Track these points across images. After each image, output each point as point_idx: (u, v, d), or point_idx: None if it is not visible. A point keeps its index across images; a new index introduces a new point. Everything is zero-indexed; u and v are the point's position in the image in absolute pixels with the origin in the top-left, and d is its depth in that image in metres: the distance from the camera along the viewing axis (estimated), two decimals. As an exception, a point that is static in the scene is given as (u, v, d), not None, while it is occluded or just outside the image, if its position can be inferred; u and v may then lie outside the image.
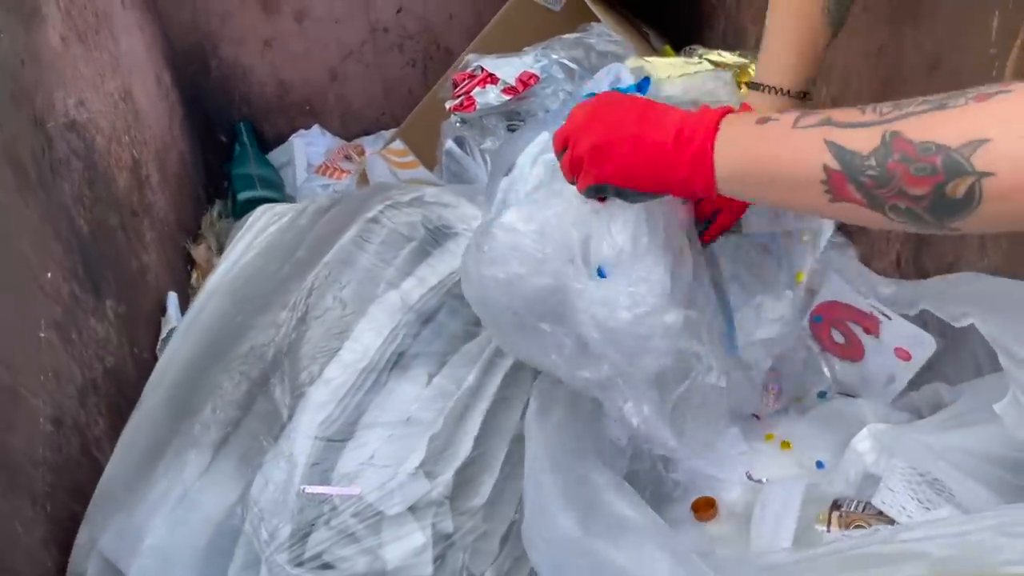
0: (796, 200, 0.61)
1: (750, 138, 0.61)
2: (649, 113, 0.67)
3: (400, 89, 1.96)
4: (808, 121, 0.57)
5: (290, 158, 1.91)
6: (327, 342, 0.87)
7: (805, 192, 0.57)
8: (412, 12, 1.85)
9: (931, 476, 0.82)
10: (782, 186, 0.60)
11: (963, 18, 0.85)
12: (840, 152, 0.54)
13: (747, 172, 0.61)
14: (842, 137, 0.54)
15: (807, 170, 0.56)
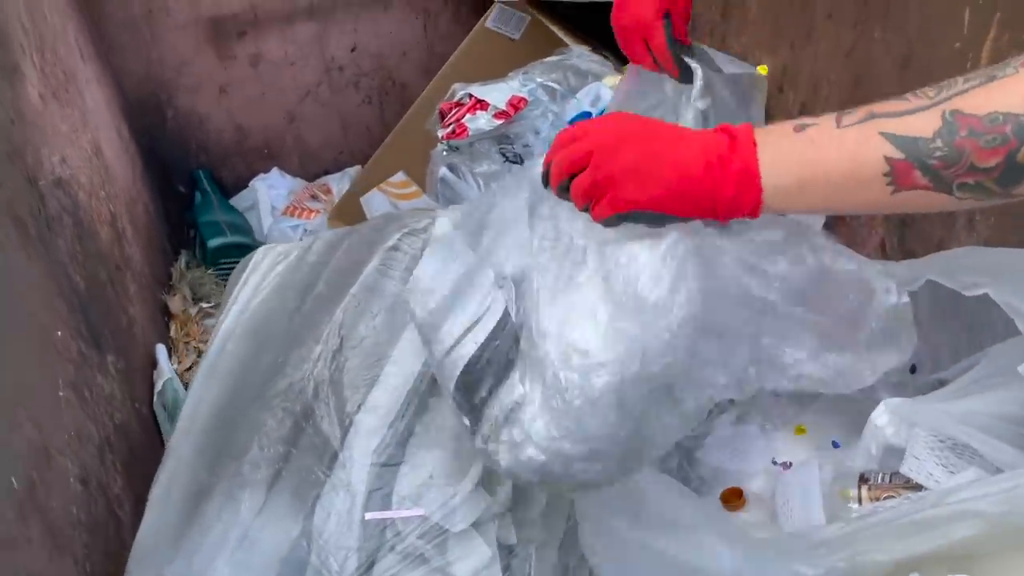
0: (855, 200, 0.59)
1: (795, 148, 0.59)
2: (682, 134, 0.63)
3: (358, 126, 1.98)
4: (851, 119, 0.57)
5: (253, 202, 1.90)
6: (367, 370, 0.88)
7: (866, 190, 0.56)
8: (366, 50, 1.88)
9: (952, 441, 0.87)
10: (839, 189, 0.58)
11: (932, 16, 0.92)
12: (901, 141, 0.54)
13: (800, 182, 0.59)
14: (898, 126, 0.54)
15: (867, 167, 0.55)
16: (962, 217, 0.94)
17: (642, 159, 0.62)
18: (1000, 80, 0.52)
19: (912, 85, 0.97)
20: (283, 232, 1.81)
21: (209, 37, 1.75)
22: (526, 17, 1.57)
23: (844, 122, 0.58)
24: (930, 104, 0.54)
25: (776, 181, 0.60)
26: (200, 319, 1.66)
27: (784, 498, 0.98)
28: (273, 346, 0.98)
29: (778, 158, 0.60)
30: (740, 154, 0.60)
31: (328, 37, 1.84)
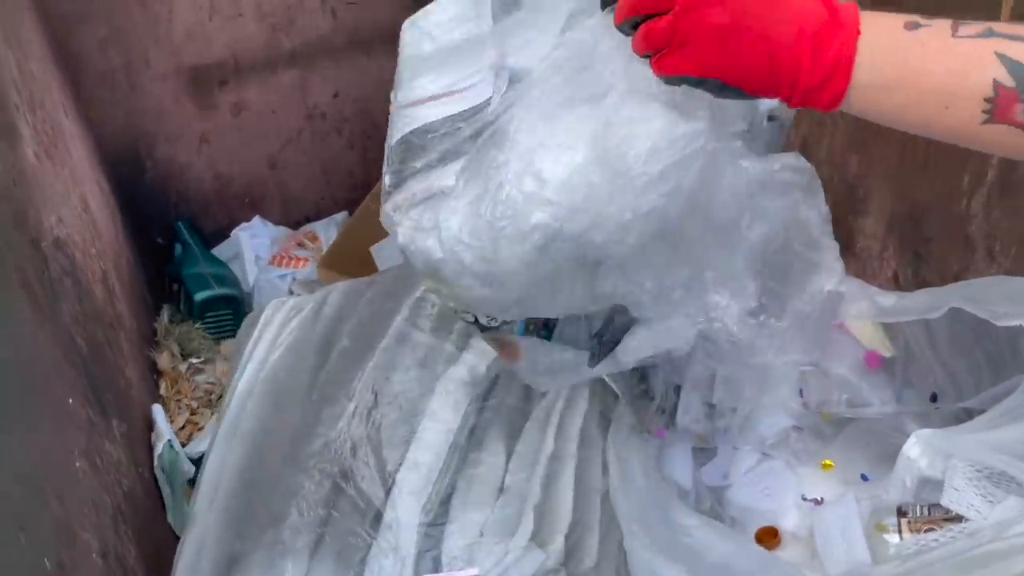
0: (943, 120, 0.54)
1: (901, 47, 0.53)
2: (778, 3, 0.55)
3: (340, 172, 1.96)
4: (968, 31, 0.52)
5: (237, 252, 1.87)
6: (404, 425, 0.86)
7: (960, 111, 0.52)
8: (348, 95, 1.86)
9: (990, 471, 0.88)
10: (933, 102, 0.53)
11: None
12: (1017, 68, 0.50)
13: (896, 84, 0.53)
14: (1019, 51, 0.50)
15: (973, 86, 0.51)
16: (981, 248, 0.96)
17: (736, 22, 0.54)
18: None
19: None
20: (271, 282, 1.78)
21: (190, 87, 1.72)
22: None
23: (960, 32, 0.53)
24: None
25: (869, 79, 0.54)
26: (190, 375, 1.61)
27: (823, 536, 0.98)
28: (297, 404, 0.95)
29: (878, 54, 0.54)
30: (841, 39, 0.53)
31: (310, 84, 1.82)
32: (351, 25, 1.78)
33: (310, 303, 1.08)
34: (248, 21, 1.70)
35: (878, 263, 1.15)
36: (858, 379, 1.07)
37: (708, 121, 0.62)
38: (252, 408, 0.98)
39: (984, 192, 0.92)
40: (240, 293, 1.75)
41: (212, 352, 1.67)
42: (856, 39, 0.53)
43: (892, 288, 1.14)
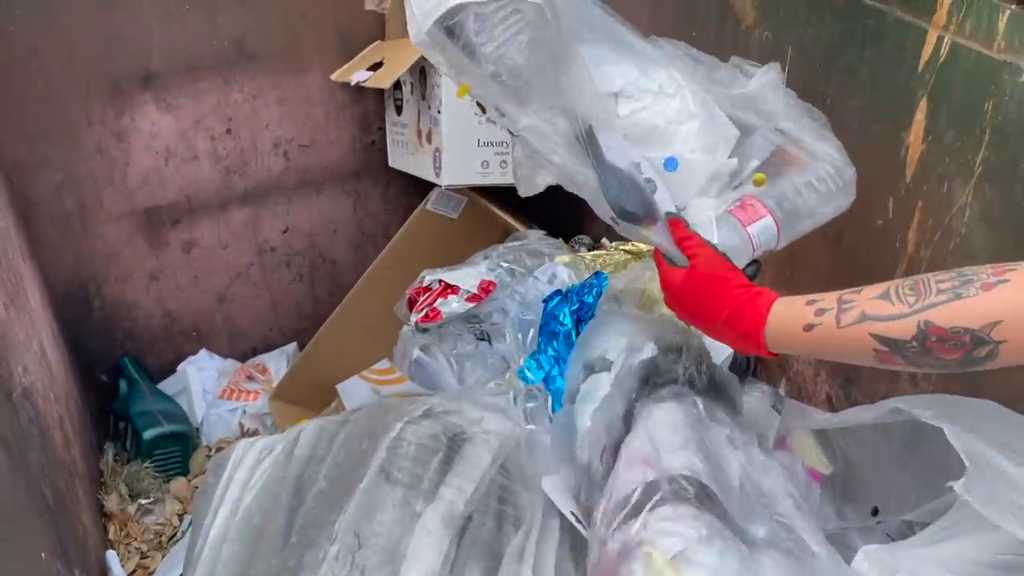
0: (846, 361, 0.80)
1: (799, 337, 0.78)
2: (720, 295, 0.84)
3: (288, 303, 2.00)
4: (848, 319, 0.74)
5: (184, 387, 1.86)
6: (387, 567, 0.88)
7: (856, 360, 0.76)
8: (298, 230, 1.93)
9: (935, 586, 0.95)
10: (834, 358, 0.82)
11: (859, 201, 1.07)
12: (886, 341, 0.71)
13: (797, 351, 0.83)
14: (884, 329, 0.71)
15: (858, 354, 0.74)
16: (905, 374, 1.06)
17: (688, 310, 0.89)
18: (965, 299, 0.67)
19: (844, 259, 1.11)
20: (221, 416, 1.78)
21: (142, 227, 1.76)
22: (463, 199, 1.68)
23: (843, 322, 0.75)
24: (909, 312, 0.70)
25: (776, 347, 0.81)
26: (139, 517, 1.59)
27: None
28: (275, 549, 0.96)
29: (781, 337, 0.80)
30: (751, 322, 0.81)
31: (261, 220, 1.88)
32: (302, 166, 1.86)
33: (280, 443, 1.10)
34: (203, 164, 1.76)
35: (812, 386, 1.24)
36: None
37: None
38: (227, 556, 0.99)
39: (903, 324, 1.02)
40: (189, 429, 1.74)
41: (161, 492, 1.65)
42: (762, 326, 0.80)
43: (826, 407, 1.23)
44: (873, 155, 1.02)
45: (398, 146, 1.79)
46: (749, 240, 0.93)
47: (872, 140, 1.02)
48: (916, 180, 0.97)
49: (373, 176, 1.95)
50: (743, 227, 0.92)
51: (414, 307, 1.27)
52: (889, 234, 1.02)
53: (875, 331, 0.71)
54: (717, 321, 0.84)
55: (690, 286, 0.87)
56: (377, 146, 1.91)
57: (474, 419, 1.05)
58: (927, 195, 0.96)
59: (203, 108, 1.73)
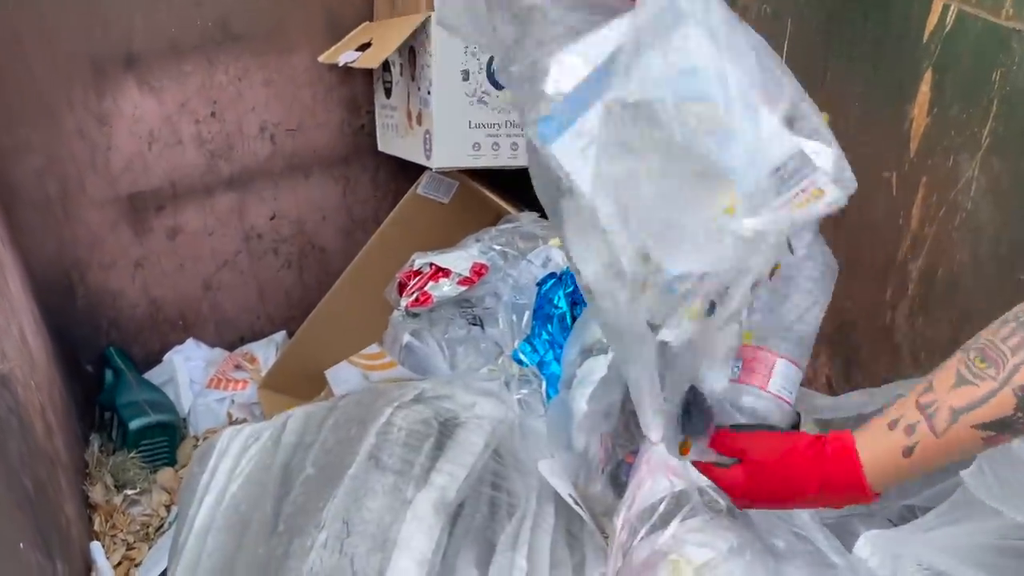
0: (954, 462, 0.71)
1: (902, 466, 0.68)
2: (795, 470, 0.73)
3: (276, 292, 1.96)
4: (943, 423, 0.65)
5: (170, 376, 1.83)
6: (377, 554, 0.86)
7: (966, 458, 0.74)
8: (286, 217, 1.89)
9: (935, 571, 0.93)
10: (942, 468, 0.70)
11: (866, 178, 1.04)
12: (991, 426, 0.64)
13: (904, 479, 0.71)
14: (983, 415, 0.64)
15: (968, 452, 0.70)
16: (907, 354, 1.03)
17: (775, 497, 0.75)
18: None
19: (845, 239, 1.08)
20: (208, 406, 1.74)
21: (126, 213, 1.72)
22: (454, 183, 1.64)
23: (939, 429, 0.66)
24: (999, 386, 0.63)
25: (883, 487, 0.70)
26: (126, 508, 1.55)
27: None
28: (262, 537, 0.93)
29: (883, 477, 0.70)
30: (847, 477, 0.70)
31: (247, 206, 1.84)
32: (289, 151, 1.82)
33: (267, 430, 1.07)
34: (188, 148, 1.72)
35: (811, 370, 1.22)
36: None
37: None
38: (213, 544, 0.96)
39: (906, 305, 1.00)
40: (176, 419, 1.70)
41: (148, 482, 1.61)
42: (862, 478, 0.69)
43: (826, 390, 1.21)
44: (876, 130, 1.00)
45: (388, 129, 1.75)
46: (778, 399, 0.82)
47: (875, 114, 1.00)
48: (920, 154, 0.94)
49: (362, 161, 1.91)
50: (764, 391, 0.82)
51: (404, 291, 1.24)
52: (892, 211, 1.00)
53: (976, 422, 0.64)
54: (809, 495, 0.73)
55: (758, 479, 0.75)
56: (366, 130, 1.87)
57: (466, 404, 1.02)
58: (932, 170, 0.93)
59: (187, 91, 1.69)
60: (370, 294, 1.53)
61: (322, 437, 1.00)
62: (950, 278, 0.94)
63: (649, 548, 0.82)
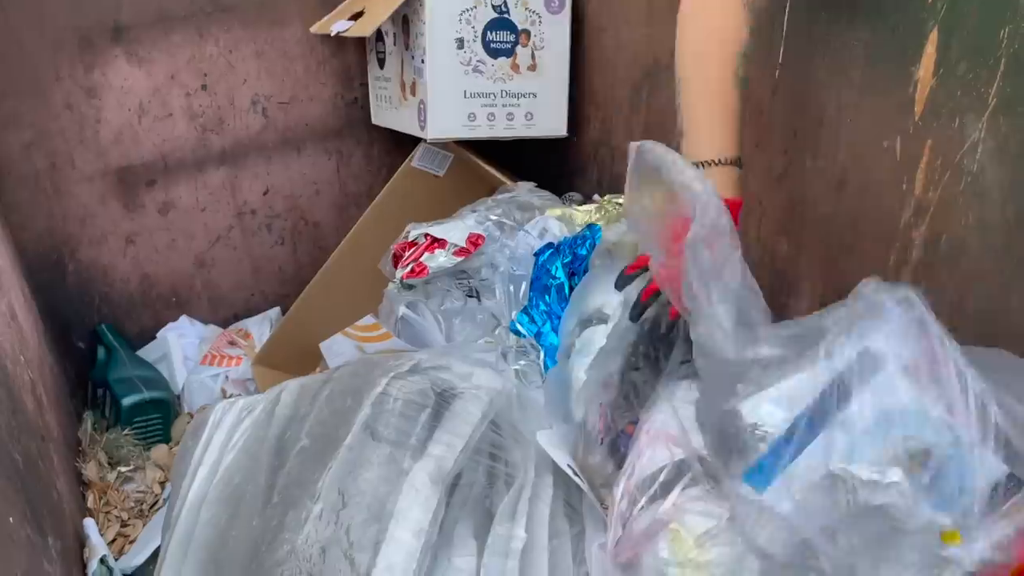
0: None
1: None
2: None
3: (270, 267, 1.95)
4: None
5: (164, 353, 1.81)
6: (374, 525, 0.84)
7: None
8: (279, 192, 1.87)
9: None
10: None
11: (862, 143, 1.02)
12: None
13: None
14: None
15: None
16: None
17: None
18: None
19: (848, 204, 1.06)
20: (202, 382, 1.72)
21: (116, 188, 1.70)
22: (449, 155, 1.62)
23: None
24: None
25: None
26: (119, 485, 1.54)
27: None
28: (257, 510, 0.92)
29: None
30: None
31: (240, 181, 1.82)
32: (282, 124, 1.80)
33: (261, 403, 1.06)
34: (178, 122, 1.69)
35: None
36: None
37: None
38: (207, 517, 0.94)
39: (909, 271, 0.98)
40: (169, 395, 1.69)
41: (142, 459, 1.60)
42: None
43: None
44: (880, 92, 0.98)
45: (381, 101, 1.73)
46: None
47: (879, 77, 0.98)
48: (926, 117, 0.92)
49: (356, 135, 1.88)
50: None
51: (399, 263, 1.22)
52: (895, 176, 0.98)
53: None
54: None
55: None
56: (360, 103, 1.85)
57: (463, 374, 1.01)
58: (937, 132, 0.91)
59: (176, 62, 1.66)
60: (365, 269, 1.51)
61: (317, 408, 0.98)
62: (955, 243, 0.92)
63: (649, 517, 0.81)
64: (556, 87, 1.55)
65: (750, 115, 1.19)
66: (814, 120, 1.08)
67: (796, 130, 1.12)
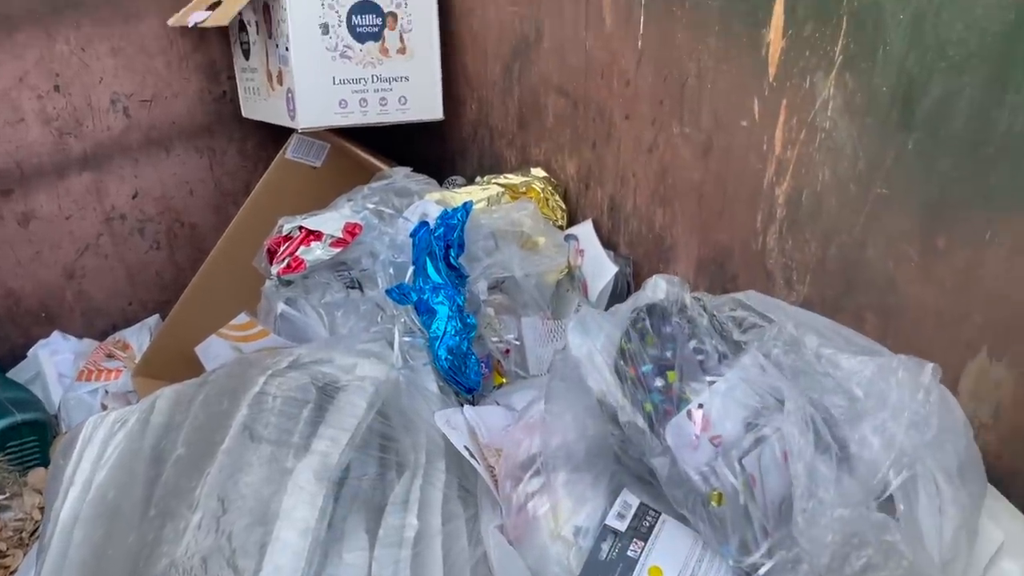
0: None
1: None
2: None
3: (146, 274, 1.86)
4: None
5: (37, 372, 1.71)
6: (258, 529, 0.81)
7: None
8: (149, 194, 1.79)
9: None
10: None
11: (724, 108, 1.05)
12: None
13: None
14: None
15: None
16: (780, 279, 1.05)
17: None
18: None
19: (714, 167, 1.09)
20: (80, 399, 1.64)
21: (-32, 200, 1.59)
22: (325, 144, 1.58)
23: None
24: None
25: None
26: (-6, 515, 1.45)
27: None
28: (133, 525, 0.87)
29: None
30: None
31: (106, 186, 1.73)
32: (146, 123, 1.72)
33: (135, 413, 1.01)
34: (31, 126, 1.60)
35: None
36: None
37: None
38: (80, 537, 0.89)
39: (776, 229, 1.01)
40: (45, 416, 1.59)
41: (18, 485, 1.51)
42: None
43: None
44: (736, 56, 1.00)
45: (250, 93, 1.67)
46: None
47: (734, 40, 1.00)
48: (779, 78, 0.95)
49: (227, 130, 1.82)
50: None
51: (274, 258, 1.18)
52: (755, 136, 1.00)
53: None
54: None
55: None
56: (228, 97, 1.78)
57: (347, 366, 0.98)
58: (791, 92, 0.94)
59: (24, 64, 1.56)
60: (244, 268, 1.46)
61: (192, 415, 0.94)
62: (814, 199, 0.95)
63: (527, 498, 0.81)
64: (428, 70, 1.53)
65: (618, 87, 1.20)
66: (677, 88, 1.10)
67: (662, 99, 1.14)
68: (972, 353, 0.82)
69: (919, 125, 0.81)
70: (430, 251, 1.14)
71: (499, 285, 1.25)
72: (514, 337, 1.24)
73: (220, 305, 1.54)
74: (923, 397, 0.79)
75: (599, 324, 0.95)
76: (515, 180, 1.36)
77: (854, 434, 0.82)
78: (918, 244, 0.85)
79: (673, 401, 0.90)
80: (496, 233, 1.24)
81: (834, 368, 0.87)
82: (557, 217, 1.40)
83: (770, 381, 0.87)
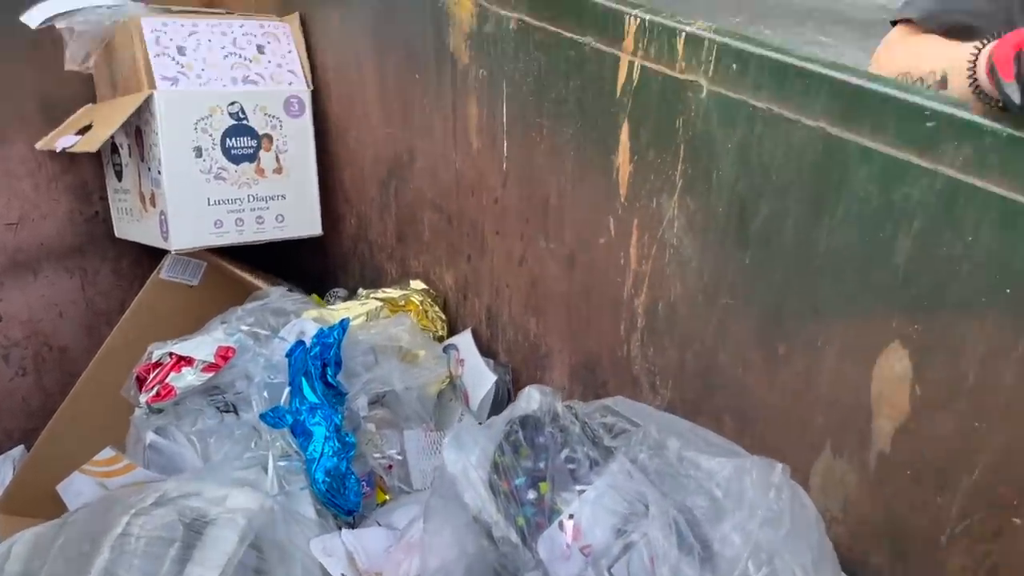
0: None
1: None
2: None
3: (11, 402, 1.78)
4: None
5: None
6: None
7: None
8: (15, 318, 1.72)
9: None
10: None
11: (584, 224, 1.11)
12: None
13: None
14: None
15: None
16: (646, 384, 1.09)
17: None
18: None
19: (578, 279, 1.14)
20: (-66, 544, 1.52)
21: None
22: (201, 263, 1.57)
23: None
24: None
25: None
26: None
27: None
28: None
29: None
30: None
31: (-32, 312, 1.66)
32: (12, 246, 1.67)
33: (-13, 562, 0.95)
34: None
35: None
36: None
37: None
38: None
39: (638, 337, 1.06)
40: None
41: None
42: None
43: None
44: (591, 179, 1.07)
45: (123, 214, 1.65)
46: None
47: (589, 165, 1.06)
48: (629, 199, 1.02)
49: (100, 250, 1.78)
50: None
51: (144, 386, 1.16)
52: (613, 252, 1.06)
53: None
54: None
55: None
56: (101, 216, 1.75)
57: (216, 498, 0.96)
58: (640, 212, 1.01)
59: None
60: (116, 394, 1.40)
61: (51, 560, 0.90)
62: (669, 309, 1.01)
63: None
64: (305, 188, 1.55)
65: (487, 204, 1.26)
66: (541, 206, 1.16)
67: (528, 217, 1.19)
68: (817, 452, 0.88)
69: (753, 242, 0.88)
70: (306, 371, 1.14)
71: (380, 400, 1.26)
72: (396, 452, 1.24)
73: (90, 434, 1.48)
74: (775, 495, 0.84)
75: (474, 438, 0.97)
76: (394, 294, 1.38)
77: (716, 533, 0.85)
78: (762, 351, 0.91)
79: (545, 513, 0.92)
80: (376, 348, 1.26)
81: (695, 469, 0.91)
82: (437, 328, 1.43)
83: (636, 486, 0.90)
